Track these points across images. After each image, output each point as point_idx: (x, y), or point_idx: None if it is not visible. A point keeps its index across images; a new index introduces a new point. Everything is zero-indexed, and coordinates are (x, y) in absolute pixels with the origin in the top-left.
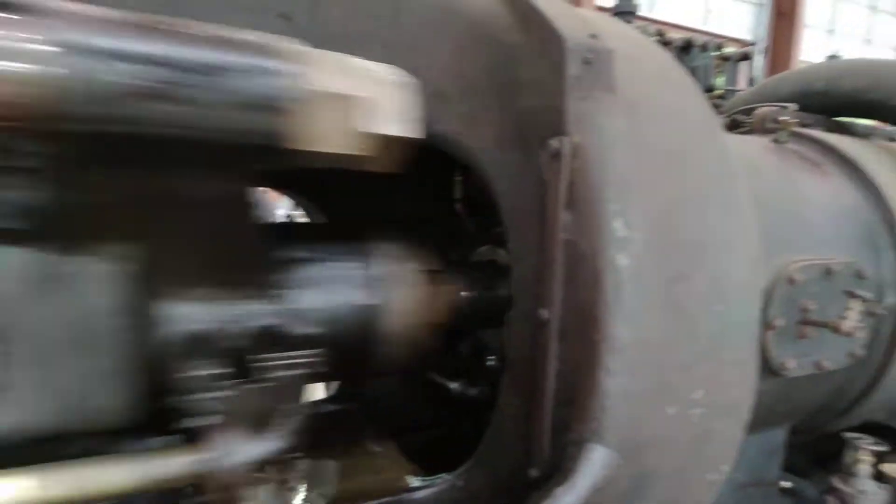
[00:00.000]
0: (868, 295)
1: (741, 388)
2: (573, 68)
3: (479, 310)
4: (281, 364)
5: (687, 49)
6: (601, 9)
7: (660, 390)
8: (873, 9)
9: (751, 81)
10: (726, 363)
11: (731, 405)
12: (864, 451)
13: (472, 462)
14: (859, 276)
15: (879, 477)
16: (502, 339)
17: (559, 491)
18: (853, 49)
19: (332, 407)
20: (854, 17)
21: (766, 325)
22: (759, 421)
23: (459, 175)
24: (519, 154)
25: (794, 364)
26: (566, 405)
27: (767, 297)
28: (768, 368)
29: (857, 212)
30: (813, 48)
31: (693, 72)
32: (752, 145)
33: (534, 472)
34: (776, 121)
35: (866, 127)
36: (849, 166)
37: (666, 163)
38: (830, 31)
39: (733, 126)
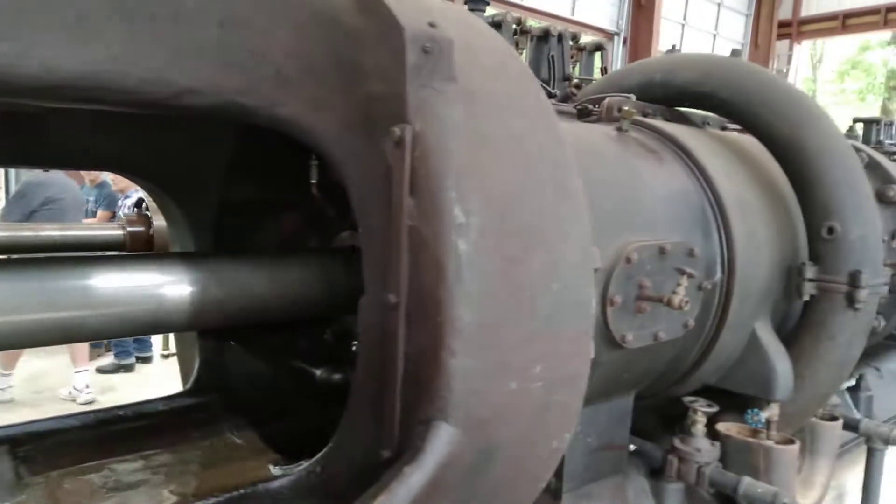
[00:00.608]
0: (697, 272)
1: (578, 361)
2: (412, 57)
3: (338, 295)
4: None
5: (545, 38)
6: None
7: (501, 367)
8: (720, 5)
9: (603, 71)
10: (563, 339)
11: (569, 377)
12: (699, 413)
13: (330, 447)
14: (690, 254)
15: (714, 435)
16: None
17: (407, 470)
18: (704, 41)
19: (189, 400)
20: (704, 12)
21: (607, 301)
22: (608, 390)
23: (315, 160)
24: (365, 140)
25: (632, 336)
26: (414, 386)
27: (607, 276)
28: (610, 341)
29: (688, 195)
30: (670, 39)
31: (550, 61)
32: (596, 133)
33: (385, 453)
34: (620, 110)
35: (703, 116)
36: (682, 153)
37: (503, 151)
38: (684, 24)
39: (583, 114)
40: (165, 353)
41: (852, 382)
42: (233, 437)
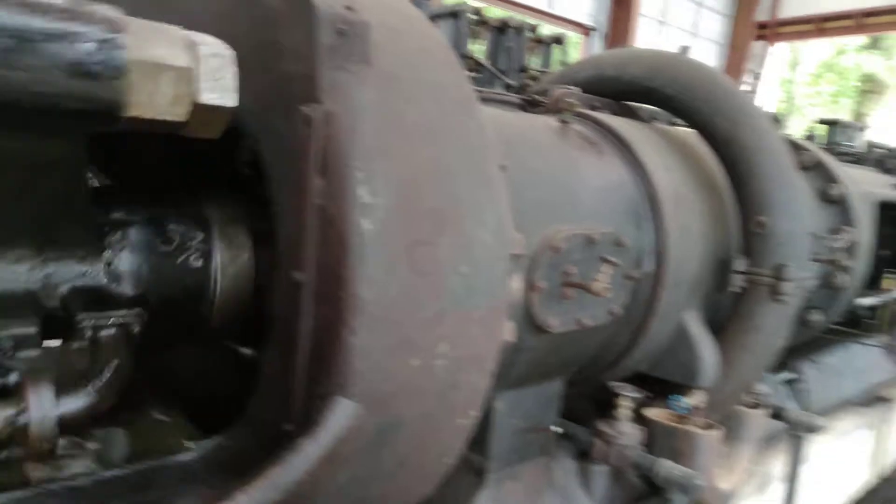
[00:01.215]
0: (625, 262)
1: (487, 342)
2: (326, 38)
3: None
4: (99, 324)
5: (503, 30)
6: None
7: (404, 345)
8: (700, 4)
9: (562, 64)
10: (472, 320)
11: (477, 357)
12: (625, 398)
13: (240, 422)
14: (618, 244)
15: (642, 420)
16: None
17: (305, 443)
18: (682, 40)
19: None
20: (683, 11)
21: (531, 287)
22: (536, 374)
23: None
24: (281, 118)
25: (556, 322)
26: (317, 362)
27: (533, 263)
28: (535, 326)
29: (624, 188)
30: (648, 36)
31: (508, 52)
32: (538, 124)
33: (288, 427)
34: (566, 102)
35: (651, 111)
36: (622, 146)
37: (415, 135)
38: (662, 22)
39: (533, 105)
40: None
41: (790, 375)
42: (158, 414)
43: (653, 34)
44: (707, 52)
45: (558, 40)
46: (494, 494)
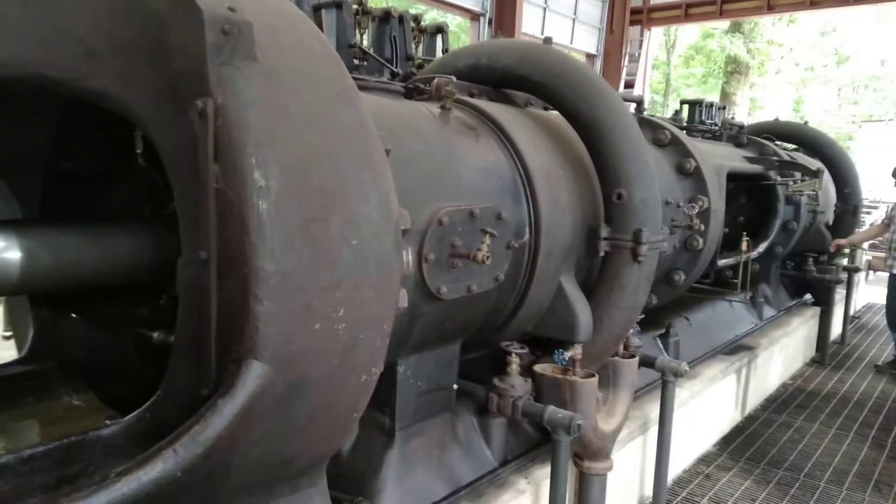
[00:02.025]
0: (505, 233)
1: (381, 306)
2: (212, 37)
3: (168, 261)
4: None
5: (386, 19)
6: None
7: (305, 310)
8: None
9: (444, 52)
10: (366, 286)
11: (373, 319)
12: (513, 355)
13: (158, 395)
14: (498, 218)
15: (532, 375)
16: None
17: (220, 402)
18: (564, 25)
19: (24, 368)
20: None
21: (422, 258)
22: (433, 339)
23: (139, 130)
24: (174, 112)
25: (447, 289)
26: (227, 331)
27: (422, 237)
28: (428, 294)
29: (500, 167)
30: (533, 22)
31: (392, 41)
32: (420, 110)
33: (204, 392)
34: (446, 90)
35: (527, 97)
36: (497, 130)
37: (300, 123)
38: (545, 8)
39: (417, 92)
40: (7, 334)
41: (662, 330)
42: (71, 400)
43: (537, 19)
44: (588, 36)
45: (441, 29)
46: (403, 450)
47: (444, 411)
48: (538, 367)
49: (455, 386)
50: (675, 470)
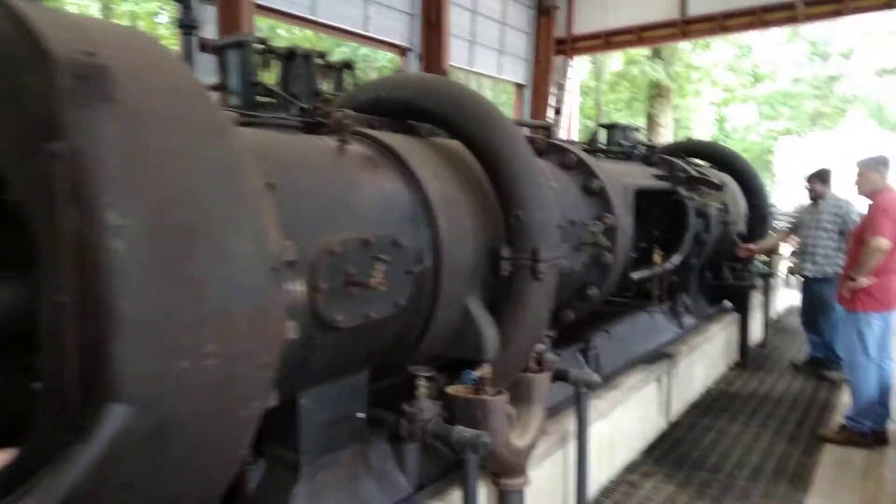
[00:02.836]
0: (404, 259)
1: (259, 339)
2: (66, 82)
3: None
4: None
5: (292, 57)
6: None
7: (169, 349)
8: (504, 24)
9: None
10: (239, 319)
11: (250, 353)
12: (421, 378)
13: (24, 444)
14: (395, 244)
15: (442, 397)
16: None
17: (77, 449)
18: (491, 57)
19: None
20: (489, 30)
21: (314, 288)
22: (337, 368)
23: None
24: (30, 155)
25: (343, 318)
26: (87, 373)
27: (313, 267)
28: (323, 324)
29: (399, 196)
30: (460, 54)
31: (297, 78)
32: (315, 145)
33: (65, 437)
34: (343, 124)
35: (431, 127)
36: (396, 160)
37: (163, 161)
38: (472, 42)
39: (318, 127)
40: None
41: (582, 345)
42: None
43: (464, 52)
44: (516, 67)
45: (348, 65)
46: (310, 485)
47: (355, 441)
48: (450, 389)
49: (360, 415)
50: (600, 480)
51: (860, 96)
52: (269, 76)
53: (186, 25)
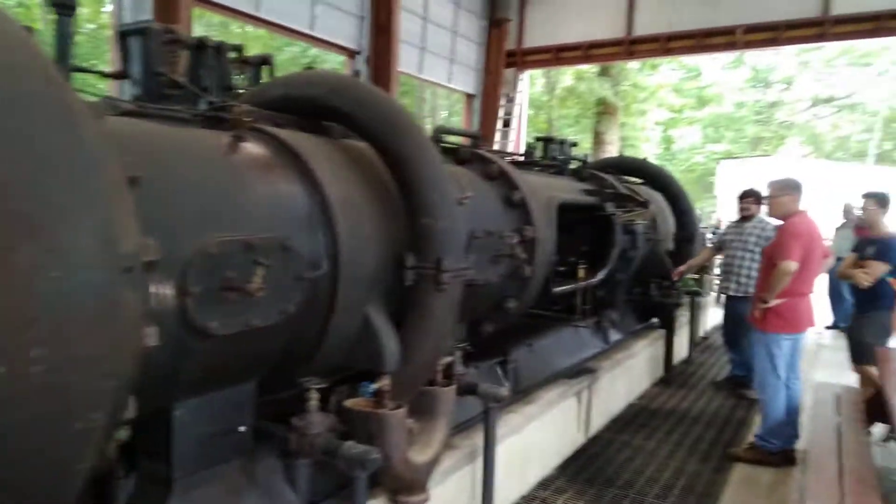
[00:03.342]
0: (279, 262)
1: (100, 343)
2: None
3: None
4: None
5: (202, 49)
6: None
7: None
8: (455, 33)
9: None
10: (75, 322)
11: (87, 358)
12: (311, 390)
13: None
14: (284, 248)
15: (340, 411)
16: None
17: None
18: (442, 66)
19: None
20: (440, 39)
21: (184, 292)
22: (216, 378)
23: None
24: None
25: (218, 325)
26: None
27: (184, 269)
28: (196, 330)
29: (294, 198)
30: (410, 60)
31: (208, 72)
32: (205, 140)
33: None
34: (240, 119)
35: (344, 129)
36: (297, 161)
37: None
38: (422, 49)
39: (217, 122)
40: None
41: (501, 359)
42: None
43: (414, 58)
44: (466, 77)
45: (266, 61)
46: (184, 501)
47: (238, 456)
48: (349, 402)
49: (242, 428)
50: (511, 496)
51: (798, 123)
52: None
53: (60, 4)
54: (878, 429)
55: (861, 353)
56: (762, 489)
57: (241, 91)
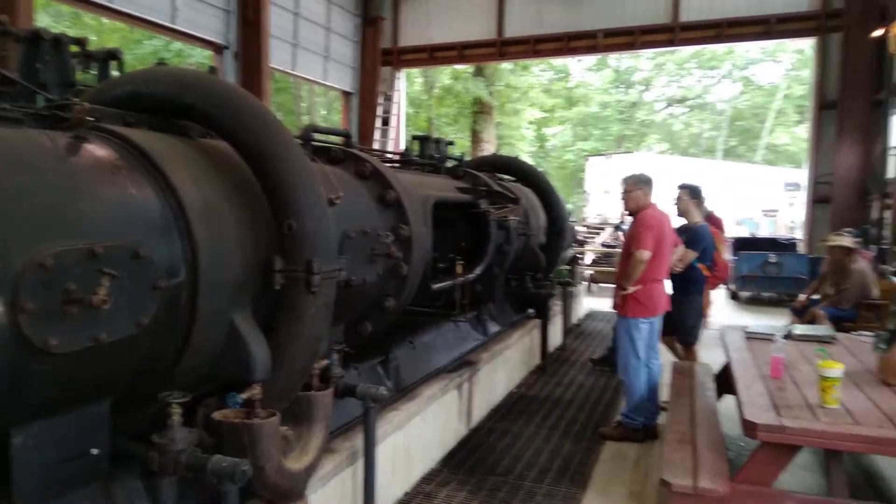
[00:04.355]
0: (128, 271)
1: None
2: None
3: None
4: None
5: (36, 42)
6: None
7: None
8: (329, 30)
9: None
10: None
11: None
12: (173, 405)
13: None
14: (135, 256)
15: (208, 424)
16: None
17: None
18: (316, 62)
19: None
20: (313, 35)
21: (18, 309)
22: (63, 399)
23: None
24: None
25: (59, 341)
26: None
27: (16, 284)
28: (32, 349)
29: (146, 202)
30: (281, 57)
31: (46, 67)
32: (38, 140)
33: None
34: (82, 119)
35: (190, 126)
36: (149, 163)
37: None
38: (295, 44)
39: (57, 120)
40: None
41: (382, 357)
42: None
43: (286, 55)
44: (342, 75)
45: (113, 55)
46: None
47: (92, 481)
48: (217, 414)
49: (94, 451)
50: (396, 494)
51: (656, 122)
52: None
53: None
54: (727, 400)
55: (680, 332)
56: (629, 463)
57: (84, 88)
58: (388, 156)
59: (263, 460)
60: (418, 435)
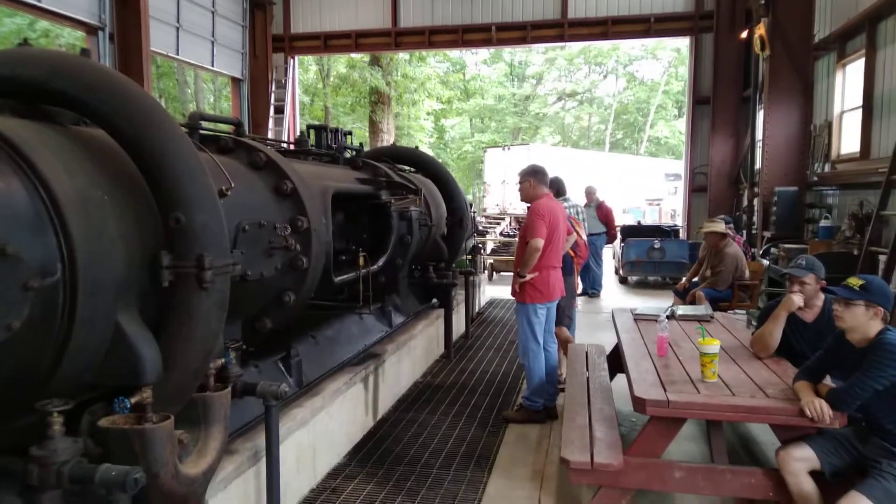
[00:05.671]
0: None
1: None
2: None
3: None
4: None
5: None
6: None
7: None
8: (214, 13)
9: None
10: None
11: None
12: (53, 414)
13: None
14: (2, 254)
15: (94, 432)
16: None
17: None
18: (202, 46)
19: None
20: (198, 17)
21: None
22: None
23: None
24: None
25: None
26: None
27: None
28: None
29: (13, 196)
30: (163, 39)
31: None
32: None
33: None
34: None
35: (60, 113)
36: (15, 153)
37: None
38: (178, 27)
39: None
40: None
41: (283, 353)
42: None
43: (169, 38)
44: (231, 60)
45: None
46: None
47: None
48: (105, 421)
49: None
50: (302, 491)
51: (549, 115)
52: None
53: None
54: (620, 378)
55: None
56: (531, 444)
57: None
58: (283, 146)
59: (157, 466)
60: (323, 430)
